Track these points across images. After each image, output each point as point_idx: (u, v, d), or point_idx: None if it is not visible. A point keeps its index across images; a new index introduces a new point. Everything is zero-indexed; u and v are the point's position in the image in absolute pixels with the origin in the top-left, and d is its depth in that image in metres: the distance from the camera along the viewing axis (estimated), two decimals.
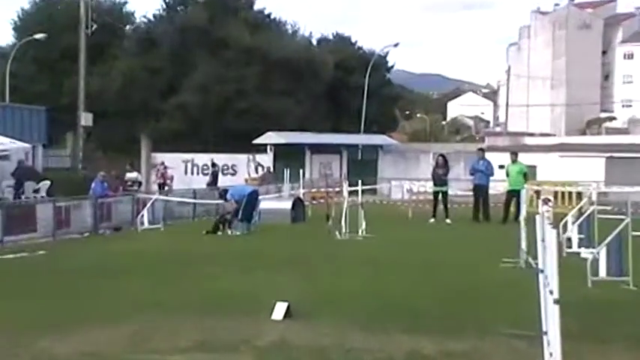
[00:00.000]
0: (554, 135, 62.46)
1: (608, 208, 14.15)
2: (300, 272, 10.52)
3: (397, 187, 35.28)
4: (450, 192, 21.85)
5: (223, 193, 17.81)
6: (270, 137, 38.37)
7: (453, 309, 7.81)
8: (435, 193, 20.42)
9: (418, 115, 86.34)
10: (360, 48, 50.34)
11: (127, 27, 46.47)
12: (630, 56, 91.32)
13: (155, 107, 42.49)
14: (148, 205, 19.86)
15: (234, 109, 42.21)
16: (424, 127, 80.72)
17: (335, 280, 9.80)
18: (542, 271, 5.12)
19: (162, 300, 8.26)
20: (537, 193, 24.03)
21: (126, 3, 47.36)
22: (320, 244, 14.63)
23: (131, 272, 10.59)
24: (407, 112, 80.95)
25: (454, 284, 9.49)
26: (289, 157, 38.55)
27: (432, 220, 20.03)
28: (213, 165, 34.71)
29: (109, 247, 14.77)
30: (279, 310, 7.28)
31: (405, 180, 35.08)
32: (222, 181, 33.35)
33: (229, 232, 17.09)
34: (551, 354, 4.84)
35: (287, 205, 20.70)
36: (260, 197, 20.20)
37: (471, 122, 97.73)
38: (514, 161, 20.11)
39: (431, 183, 21.72)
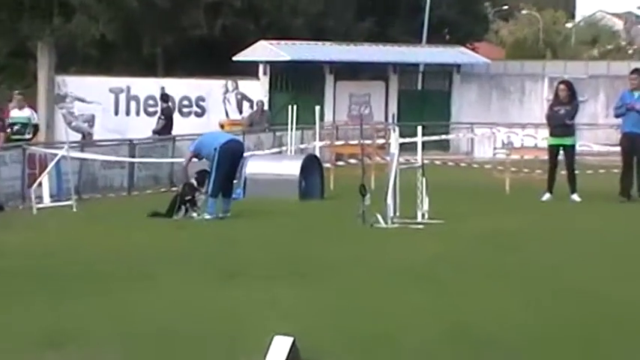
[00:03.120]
0: None
1: None
2: (314, 288, 10.61)
3: (485, 138, 35.23)
4: (579, 146, 21.77)
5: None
6: (263, 51, 38.34)
7: (576, 356, 7.89)
8: (553, 149, 20.44)
9: (525, 11, 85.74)
10: None
11: None
12: None
13: None
14: (51, 165, 19.99)
15: (198, 2, 42.13)
16: (535, 31, 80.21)
17: (374, 302, 9.89)
18: None
19: (85, 330, 8.36)
20: None
21: None
22: (349, 239, 14.71)
23: (26, 286, 10.71)
24: (505, 7, 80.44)
25: (583, 311, 9.55)
26: (297, 84, 38.52)
27: (548, 195, 20.16)
28: (164, 98, 34.67)
29: None
30: (279, 350, 7.40)
31: (500, 126, 35.02)
32: (181, 125, 33.42)
33: (194, 215, 17.23)
34: None
35: (293, 168, 20.81)
36: (246, 154, 20.30)
37: (619, 23, 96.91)
38: None
39: (545, 131, 21.69)
